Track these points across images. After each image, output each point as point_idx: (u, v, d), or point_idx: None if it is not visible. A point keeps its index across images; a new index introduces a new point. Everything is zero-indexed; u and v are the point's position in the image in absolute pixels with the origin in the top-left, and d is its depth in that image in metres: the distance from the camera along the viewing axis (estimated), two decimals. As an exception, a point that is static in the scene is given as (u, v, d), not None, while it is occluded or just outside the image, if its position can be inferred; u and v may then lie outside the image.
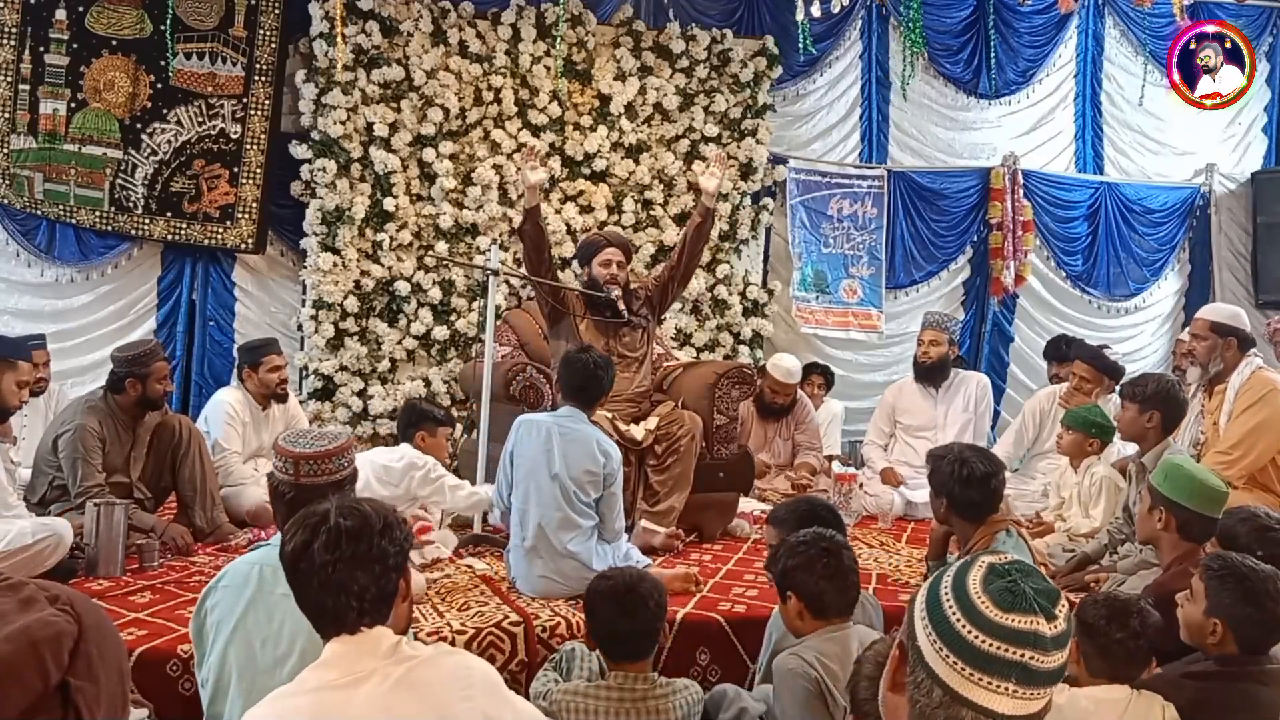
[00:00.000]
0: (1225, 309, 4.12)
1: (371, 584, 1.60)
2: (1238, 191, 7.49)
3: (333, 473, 2.24)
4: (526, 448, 3.36)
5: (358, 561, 1.60)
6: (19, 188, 5.27)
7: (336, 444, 2.29)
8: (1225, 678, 2.22)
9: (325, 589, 1.59)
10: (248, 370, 4.62)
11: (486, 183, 5.64)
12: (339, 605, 1.58)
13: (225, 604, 2.07)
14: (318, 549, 1.59)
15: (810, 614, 2.34)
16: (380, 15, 5.57)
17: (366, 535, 1.61)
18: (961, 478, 2.88)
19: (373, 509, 1.66)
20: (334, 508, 1.64)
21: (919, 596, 1.20)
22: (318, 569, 1.59)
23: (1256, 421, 3.73)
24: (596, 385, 3.46)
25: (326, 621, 1.61)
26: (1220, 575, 2.26)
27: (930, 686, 1.13)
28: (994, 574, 1.15)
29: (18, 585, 1.33)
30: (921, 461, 3.86)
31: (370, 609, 1.60)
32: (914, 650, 1.17)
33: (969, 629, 1.12)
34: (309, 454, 2.23)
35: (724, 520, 4.39)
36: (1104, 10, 7.19)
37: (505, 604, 3.21)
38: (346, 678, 1.54)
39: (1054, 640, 1.11)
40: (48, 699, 1.25)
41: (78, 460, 3.84)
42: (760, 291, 6.26)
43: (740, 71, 6.14)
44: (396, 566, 1.64)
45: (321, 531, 1.61)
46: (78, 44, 5.32)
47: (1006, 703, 1.10)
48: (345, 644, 1.59)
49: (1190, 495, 2.77)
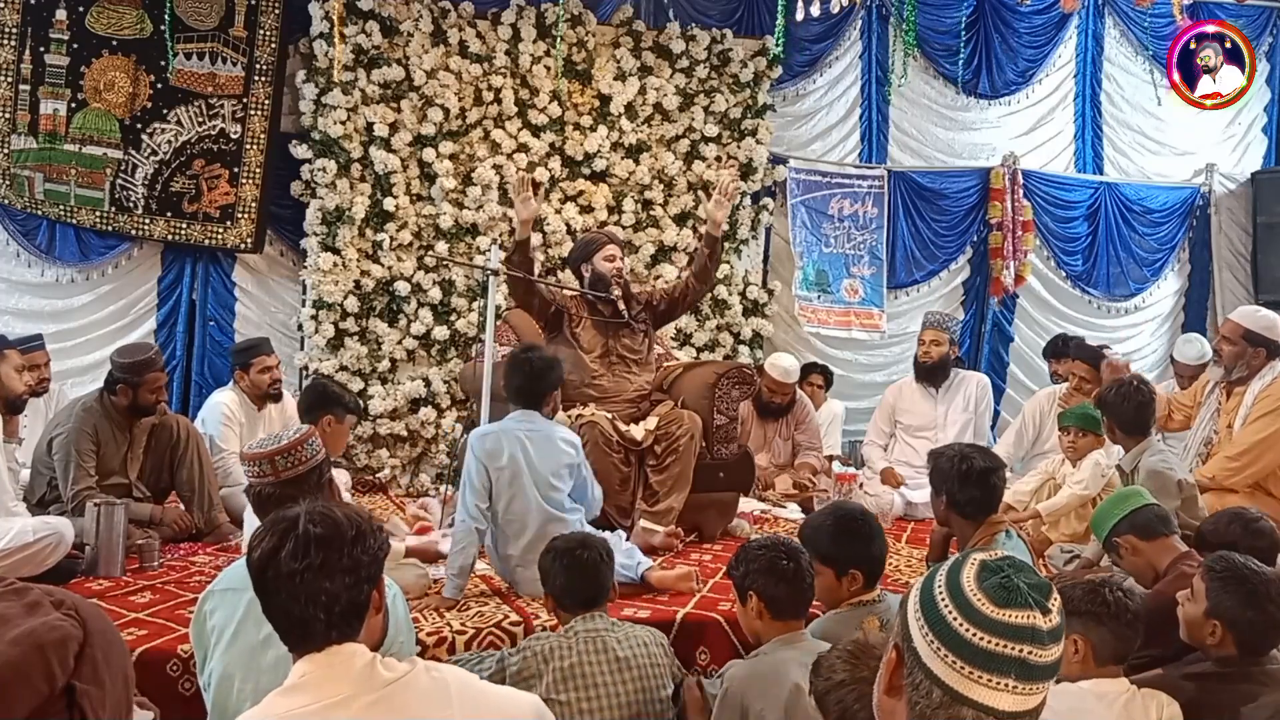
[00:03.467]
0: (1263, 317, 3.95)
1: (342, 593, 1.51)
2: (1238, 191, 7.50)
3: (308, 459, 2.28)
4: (501, 461, 3.26)
5: (327, 570, 1.51)
6: (19, 188, 5.27)
7: (300, 433, 2.34)
8: (1225, 678, 2.23)
9: (293, 599, 1.50)
10: (239, 371, 4.67)
11: (486, 183, 5.64)
12: (306, 616, 1.50)
13: (225, 609, 2.07)
14: (285, 556, 1.51)
15: (770, 615, 2.42)
16: (380, 15, 5.57)
17: (337, 543, 1.53)
18: (961, 473, 2.89)
19: (345, 515, 1.58)
20: (304, 512, 1.56)
21: (911, 598, 1.19)
22: (285, 577, 1.50)
23: (1270, 432, 3.72)
24: (539, 385, 3.40)
25: (293, 634, 1.53)
26: (1222, 576, 2.26)
27: (929, 688, 1.13)
28: (987, 570, 1.15)
29: (22, 590, 1.34)
30: (922, 461, 3.87)
31: (339, 621, 1.52)
32: (910, 652, 1.16)
33: (967, 627, 1.12)
34: (279, 449, 2.27)
35: (724, 520, 4.39)
36: (1104, 10, 7.19)
37: (505, 604, 3.22)
38: (317, 703, 1.46)
39: (1050, 633, 1.12)
40: (53, 702, 1.25)
41: (70, 464, 3.85)
42: (760, 291, 6.26)
43: (740, 71, 6.14)
44: (370, 577, 1.56)
45: (290, 537, 1.52)
46: (78, 44, 5.32)
47: (1007, 699, 1.10)
48: (314, 664, 1.51)
49: (1121, 506, 2.82)
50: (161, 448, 4.18)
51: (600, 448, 3.97)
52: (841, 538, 2.58)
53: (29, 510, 3.81)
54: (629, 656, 2.48)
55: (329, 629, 1.52)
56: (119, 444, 4.06)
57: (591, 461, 4.01)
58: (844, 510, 2.73)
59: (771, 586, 2.40)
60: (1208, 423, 4.01)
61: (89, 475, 3.87)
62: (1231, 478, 3.76)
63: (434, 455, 5.56)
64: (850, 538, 2.59)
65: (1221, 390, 3.99)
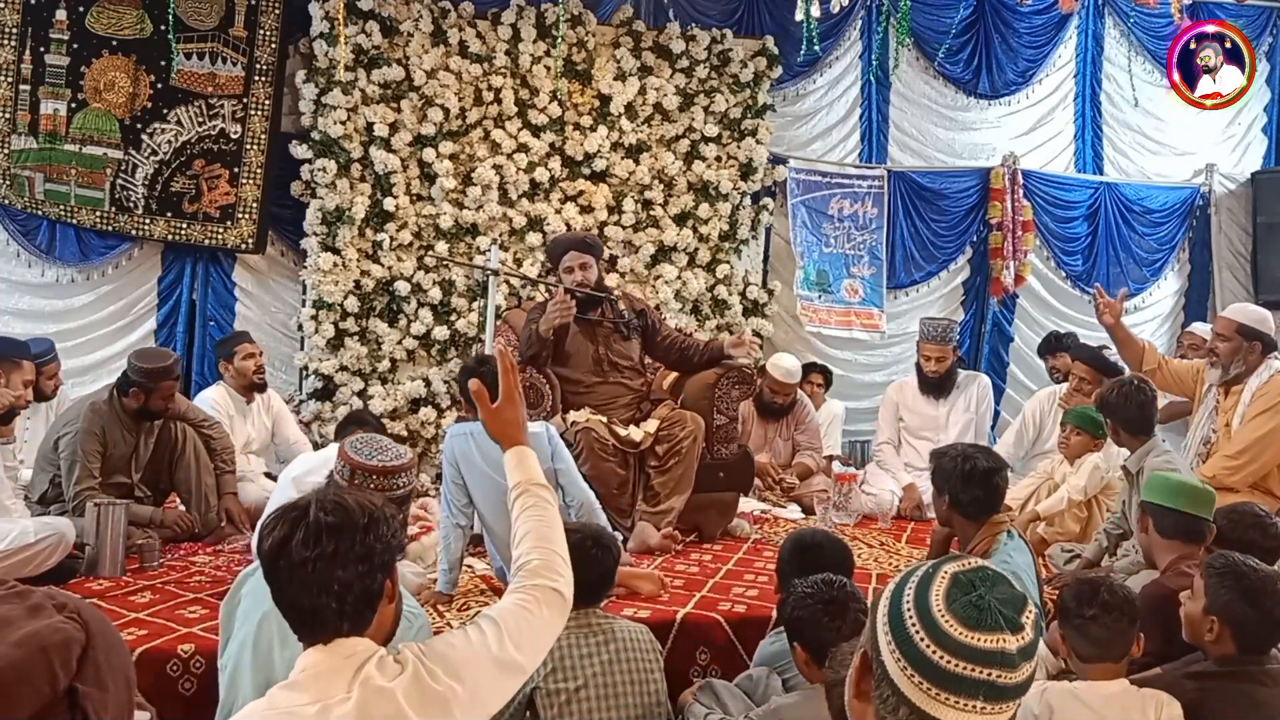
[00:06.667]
0: (1253, 311, 4.02)
1: (355, 582, 1.50)
2: (1238, 191, 7.50)
3: (383, 489, 2.15)
4: (471, 460, 3.28)
5: (339, 559, 1.50)
6: (20, 188, 5.27)
7: (397, 462, 2.19)
8: (1225, 677, 2.23)
9: (304, 588, 1.49)
10: (224, 363, 4.79)
11: (486, 183, 5.64)
12: (318, 605, 1.49)
13: (258, 591, 2.04)
14: (296, 545, 1.50)
15: (817, 665, 2.32)
16: (380, 15, 5.57)
17: (349, 530, 1.52)
18: (964, 473, 2.88)
19: (357, 503, 1.57)
20: (314, 500, 1.54)
21: (881, 606, 1.16)
22: (296, 566, 1.49)
23: (1268, 429, 3.72)
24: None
25: (305, 624, 1.53)
26: (1220, 573, 2.26)
27: (896, 704, 1.11)
28: (957, 588, 1.11)
29: (25, 592, 1.34)
30: (924, 462, 3.87)
31: (352, 611, 1.51)
32: (878, 664, 1.14)
33: (934, 649, 1.08)
34: (366, 465, 2.17)
35: (724, 520, 4.39)
36: (1104, 10, 7.19)
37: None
38: (315, 704, 1.45)
39: (1021, 652, 1.09)
40: (56, 704, 1.25)
41: (75, 463, 3.87)
42: (760, 291, 6.26)
43: (740, 71, 6.14)
44: (383, 565, 1.55)
45: (301, 526, 1.51)
46: (78, 44, 5.32)
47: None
48: (318, 656, 1.51)
49: (1165, 494, 2.79)
50: (162, 449, 4.21)
51: (595, 452, 3.97)
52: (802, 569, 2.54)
53: (30, 507, 3.83)
54: (620, 645, 2.51)
55: (340, 618, 1.51)
56: (126, 444, 4.08)
57: (588, 466, 4.01)
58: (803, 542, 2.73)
59: (816, 637, 2.29)
60: (1206, 422, 4.00)
61: (92, 475, 3.88)
62: (1231, 476, 3.76)
63: (434, 455, 5.55)
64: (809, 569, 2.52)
65: (1219, 390, 3.99)
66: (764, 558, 3.98)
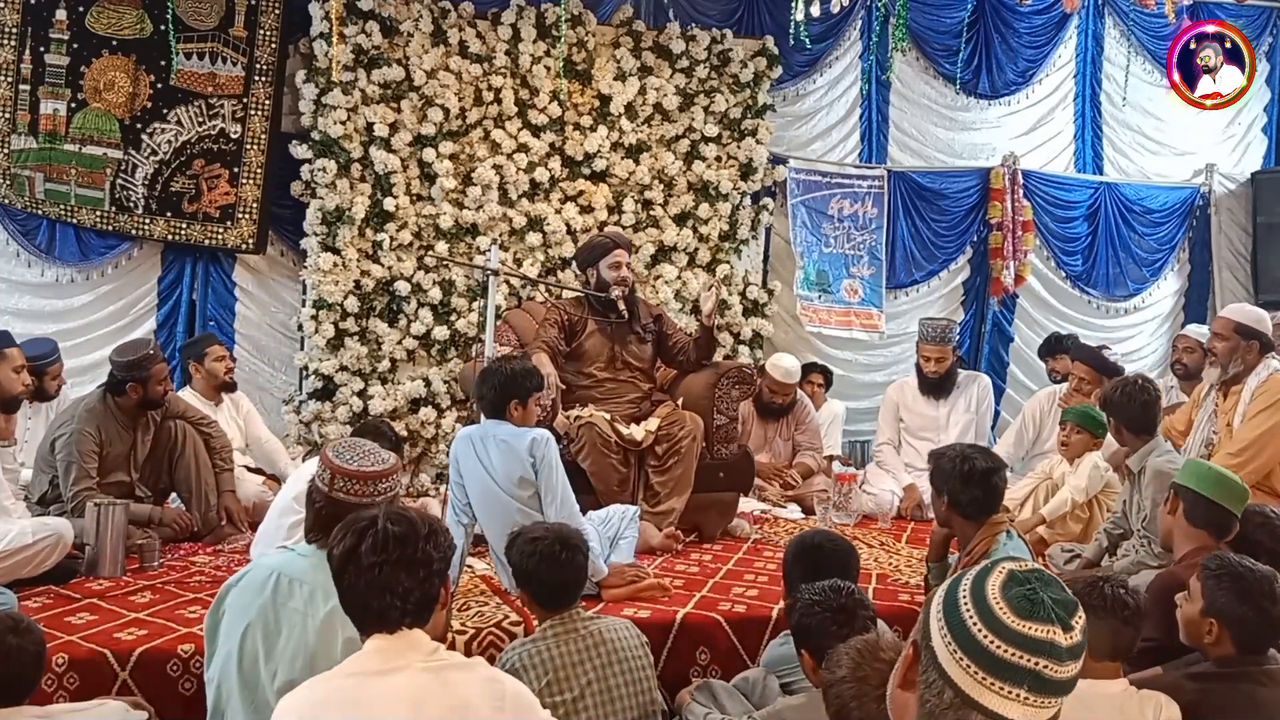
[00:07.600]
0: (1251, 311, 4.05)
1: (416, 587, 1.68)
2: (1237, 191, 7.49)
3: (365, 495, 2.15)
4: (470, 463, 3.34)
5: (403, 564, 1.68)
6: (19, 188, 5.27)
7: (380, 467, 2.19)
8: (1225, 678, 2.23)
9: (371, 590, 1.67)
10: (194, 364, 4.80)
11: (486, 183, 5.64)
12: (384, 605, 1.66)
13: (239, 604, 2.07)
14: (365, 551, 1.67)
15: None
16: (380, 15, 5.57)
17: (412, 540, 1.70)
18: (963, 474, 2.89)
19: (419, 516, 1.75)
20: (382, 514, 1.72)
21: (936, 598, 1.21)
22: (364, 570, 1.67)
23: (1269, 426, 3.72)
24: (500, 396, 3.38)
25: (371, 620, 1.69)
26: (1217, 574, 2.27)
27: (941, 687, 1.14)
28: (1013, 581, 1.16)
29: None
30: (924, 463, 3.87)
31: (413, 610, 1.68)
32: (928, 650, 1.18)
33: (985, 634, 1.12)
34: (348, 470, 2.17)
35: (724, 520, 4.40)
36: (1104, 10, 7.19)
37: (505, 604, 3.22)
38: (384, 667, 1.63)
39: (1069, 650, 1.12)
40: None
41: (71, 464, 3.87)
42: (760, 291, 6.26)
43: (740, 71, 6.14)
44: (440, 572, 1.73)
45: (369, 535, 1.69)
46: (78, 44, 5.32)
47: (1017, 709, 1.11)
48: (385, 640, 1.67)
49: (1201, 481, 2.78)
50: (161, 447, 4.21)
51: (598, 449, 3.98)
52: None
53: (30, 508, 3.83)
54: (611, 648, 2.53)
55: (403, 616, 1.68)
56: (124, 443, 4.08)
57: (590, 461, 4.02)
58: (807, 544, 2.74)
59: (823, 645, 2.23)
60: (1206, 424, 4.01)
61: (89, 476, 3.89)
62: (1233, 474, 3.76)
63: (434, 455, 5.56)
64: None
65: (1218, 391, 4.00)
66: (764, 558, 3.99)
